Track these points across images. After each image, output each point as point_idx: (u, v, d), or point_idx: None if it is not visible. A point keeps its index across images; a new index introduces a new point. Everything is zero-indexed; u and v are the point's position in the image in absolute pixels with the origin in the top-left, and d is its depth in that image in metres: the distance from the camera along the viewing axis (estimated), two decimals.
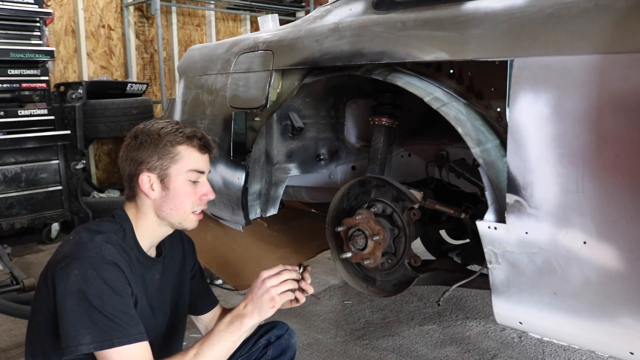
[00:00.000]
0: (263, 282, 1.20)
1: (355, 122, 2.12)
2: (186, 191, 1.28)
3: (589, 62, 1.09)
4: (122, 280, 1.16)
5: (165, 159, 1.26)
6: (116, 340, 1.10)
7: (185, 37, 5.96)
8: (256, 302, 1.19)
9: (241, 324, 1.18)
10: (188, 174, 1.28)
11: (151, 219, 1.29)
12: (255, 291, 1.20)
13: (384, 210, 1.68)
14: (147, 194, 1.26)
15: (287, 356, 1.48)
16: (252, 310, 1.19)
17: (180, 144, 1.27)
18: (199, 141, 1.29)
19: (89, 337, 1.08)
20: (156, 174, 1.26)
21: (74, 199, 3.95)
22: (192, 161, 1.28)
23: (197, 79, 2.20)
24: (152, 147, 1.26)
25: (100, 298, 1.10)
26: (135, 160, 1.27)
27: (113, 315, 1.10)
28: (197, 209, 1.31)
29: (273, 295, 1.19)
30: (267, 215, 2.03)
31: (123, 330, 1.11)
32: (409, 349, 2.20)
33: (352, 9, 1.70)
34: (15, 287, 2.75)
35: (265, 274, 1.22)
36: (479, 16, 1.30)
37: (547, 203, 1.17)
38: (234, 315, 1.20)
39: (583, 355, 2.11)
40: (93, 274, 1.11)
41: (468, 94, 1.45)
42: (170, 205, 1.27)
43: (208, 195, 1.31)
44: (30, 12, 3.57)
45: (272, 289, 1.19)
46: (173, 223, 1.31)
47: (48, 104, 3.73)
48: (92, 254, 1.14)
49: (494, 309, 1.33)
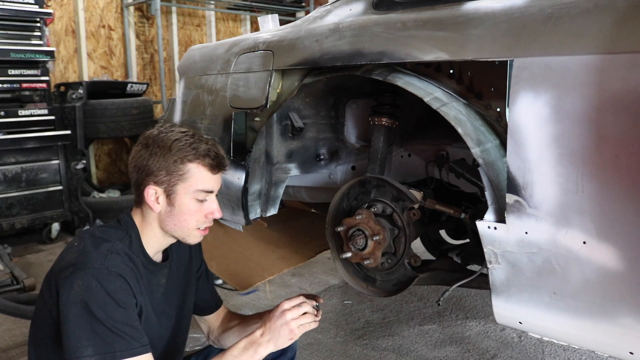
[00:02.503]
0: (283, 313, 1.20)
1: (355, 122, 2.12)
2: (191, 209, 1.25)
3: (589, 62, 1.09)
4: (127, 292, 1.15)
5: (173, 175, 1.22)
6: (119, 353, 1.09)
7: (186, 37, 5.96)
8: (274, 333, 1.19)
9: (255, 353, 1.18)
10: (195, 193, 1.24)
11: (155, 230, 1.27)
12: (274, 321, 1.20)
13: (384, 210, 1.68)
14: (151, 207, 1.24)
15: (287, 356, 1.47)
16: (269, 340, 1.19)
17: (191, 162, 1.22)
18: (212, 160, 1.24)
19: (91, 349, 1.08)
20: (163, 189, 1.23)
21: (74, 199, 3.95)
22: (201, 181, 1.24)
23: (197, 79, 2.20)
24: (161, 161, 1.22)
25: (104, 310, 1.09)
26: (144, 170, 1.23)
27: (116, 327, 1.09)
28: (202, 226, 1.29)
29: (292, 328, 1.19)
30: (267, 215, 2.03)
31: (126, 343, 1.10)
32: (409, 349, 2.20)
33: (352, 9, 1.71)
34: (15, 287, 2.75)
35: (287, 305, 1.21)
36: (479, 16, 1.30)
37: (546, 203, 1.17)
38: (250, 342, 1.19)
39: (583, 355, 2.11)
40: (97, 285, 1.10)
41: (468, 94, 1.45)
42: (174, 221, 1.25)
43: (214, 214, 1.28)
44: (30, 12, 3.57)
45: (292, 321, 1.19)
46: (176, 237, 1.29)
47: (48, 104, 3.74)
48: (96, 265, 1.13)
49: (494, 309, 1.33)
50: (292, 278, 3.03)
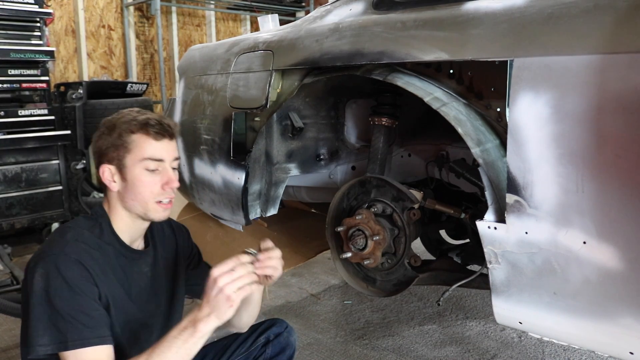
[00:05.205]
0: (215, 281, 1.08)
1: (355, 122, 2.12)
2: (144, 181, 1.23)
3: (589, 62, 1.09)
4: (85, 279, 1.12)
5: (120, 149, 1.22)
6: (70, 343, 1.06)
7: (185, 37, 5.96)
8: (212, 304, 1.08)
9: (195, 330, 1.07)
10: (144, 162, 1.22)
11: (121, 212, 1.26)
12: (209, 292, 1.08)
13: (384, 210, 1.68)
14: (109, 187, 1.24)
15: (286, 354, 1.46)
16: (209, 314, 1.08)
17: (134, 133, 1.22)
18: (153, 128, 1.23)
19: (47, 338, 1.06)
20: (114, 165, 1.23)
21: (74, 199, 3.94)
22: (146, 149, 1.22)
23: (197, 79, 2.20)
24: (108, 138, 1.23)
25: (60, 298, 1.07)
26: (97, 152, 1.25)
27: (70, 315, 1.07)
28: (161, 198, 1.25)
29: (229, 294, 1.06)
30: (267, 215, 2.03)
31: (79, 332, 1.07)
32: (409, 349, 2.20)
33: (352, 9, 1.71)
34: (15, 287, 2.75)
35: (216, 273, 1.08)
36: (479, 16, 1.30)
37: (547, 203, 1.17)
38: (189, 319, 1.09)
39: (583, 355, 2.11)
40: (55, 272, 1.09)
41: (468, 94, 1.45)
42: (131, 196, 1.23)
43: (170, 183, 1.24)
44: (30, 12, 3.56)
45: (227, 287, 1.07)
46: (138, 214, 1.26)
47: (48, 104, 3.73)
48: (55, 252, 1.12)
49: (494, 309, 1.33)
50: (292, 278, 3.03)
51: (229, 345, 1.46)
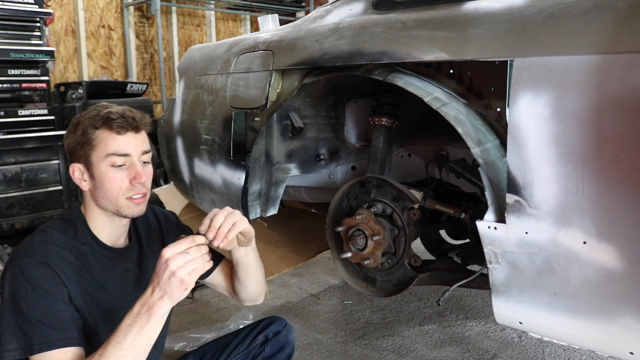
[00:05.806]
0: (166, 263, 1.02)
1: (355, 122, 2.12)
2: (111, 177, 1.19)
3: (589, 62, 1.09)
4: (52, 280, 1.10)
5: (85, 147, 1.19)
6: (37, 346, 1.04)
7: (185, 37, 5.97)
8: (164, 287, 1.02)
9: (150, 315, 1.02)
10: (109, 158, 1.19)
11: (96, 211, 1.24)
12: (160, 274, 1.02)
13: (384, 210, 1.68)
14: (80, 186, 1.23)
15: (285, 352, 1.44)
16: (162, 297, 1.02)
17: (97, 129, 1.19)
18: (115, 122, 1.18)
19: (14, 343, 1.05)
20: (82, 164, 1.21)
21: (74, 199, 3.94)
22: (110, 145, 1.19)
23: (197, 79, 2.20)
24: (74, 136, 1.21)
25: (25, 301, 1.05)
26: (67, 153, 1.24)
27: (36, 318, 1.05)
28: (130, 194, 1.21)
29: (182, 277, 1.01)
30: (267, 215, 2.03)
31: (45, 335, 1.04)
32: (409, 349, 2.19)
33: (352, 9, 1.71)
34: None
35: (168, 254, 1.02)
36: (479, 16, 1.30)
37: (547, 203, 1.17)
38: (142, 304, 1.04)
39: (583, 355, 2.11)
40: (20, 275, 1.07)
41: (468, 94, 1.45)
42: (101, 193, 1.21)
43: (138, 178, 1.20)
44: (30, 12, 3.57)
45: (179, 270, 1.01)
46: (112, 212, 1.23)
47: (48, 104, 3.73)
48: (21, 254, 1.11)
49: (494, 309, 1.33)
50: (292, 278, 3.03)
51: (228, 343, 1.45)
